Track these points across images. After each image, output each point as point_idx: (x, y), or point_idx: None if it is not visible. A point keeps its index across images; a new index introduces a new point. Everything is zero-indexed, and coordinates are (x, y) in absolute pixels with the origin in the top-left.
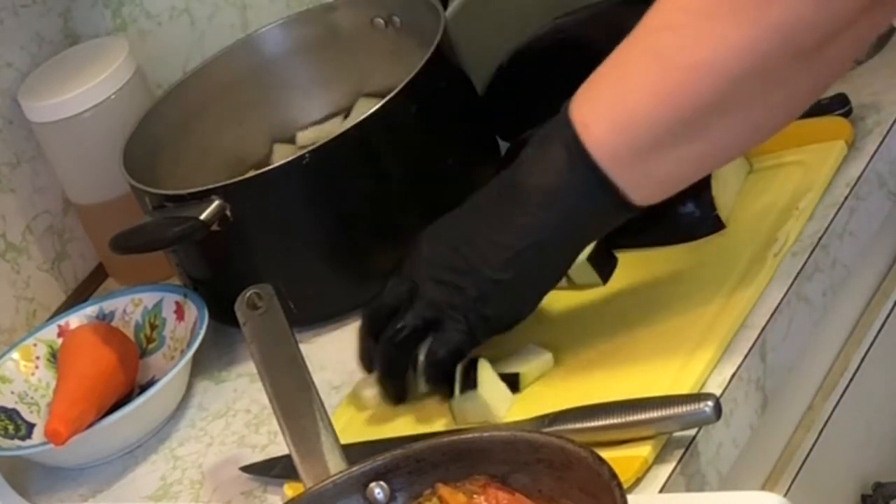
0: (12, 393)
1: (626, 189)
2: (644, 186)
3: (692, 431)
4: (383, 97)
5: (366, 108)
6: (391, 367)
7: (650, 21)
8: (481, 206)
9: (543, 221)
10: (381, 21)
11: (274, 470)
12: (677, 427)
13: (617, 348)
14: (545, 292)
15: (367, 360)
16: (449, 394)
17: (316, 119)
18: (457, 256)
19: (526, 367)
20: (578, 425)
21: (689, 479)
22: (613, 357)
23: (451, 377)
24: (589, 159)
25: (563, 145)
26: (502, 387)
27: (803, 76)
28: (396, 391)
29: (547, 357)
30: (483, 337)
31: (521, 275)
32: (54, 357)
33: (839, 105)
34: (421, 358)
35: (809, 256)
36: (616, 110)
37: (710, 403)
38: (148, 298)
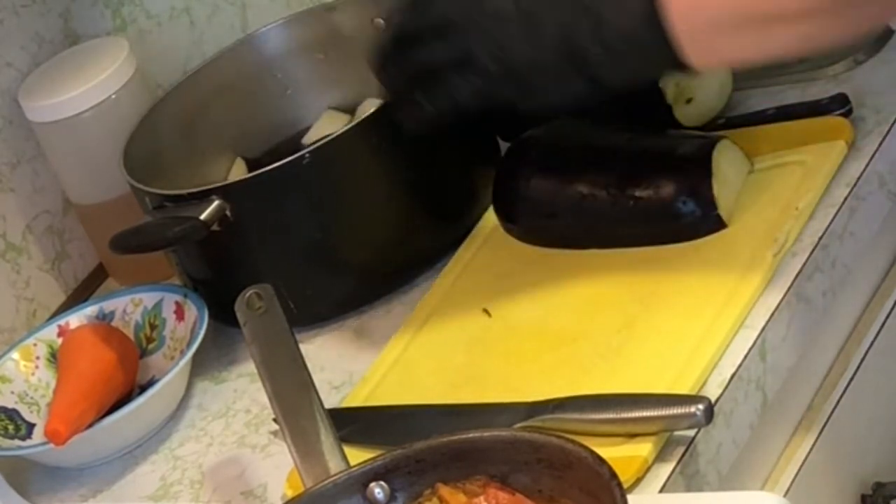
0: (12, 393)
1: (689, 55)
2: (705, 58)
3: (692, 431)
4: (383, 98)
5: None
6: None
7: None
8: None
9: (609, 58)
10: (381, 21)
11: None
12: (668, 427)
13: (617, 348)
14: (565, 93)
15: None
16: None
17: (314, 120)
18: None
19: None
20: (576, 416)
21: (689, 479)
22: (614, 356)
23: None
24: (665, 20)
25: None
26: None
27: None
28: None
29: None
30: (489, 98)
31: (568, 77)
32: (54, 357)
33: (839, 105)
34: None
35: (809, 256)
36: None
37: (700, 407)
38: (148, 298)
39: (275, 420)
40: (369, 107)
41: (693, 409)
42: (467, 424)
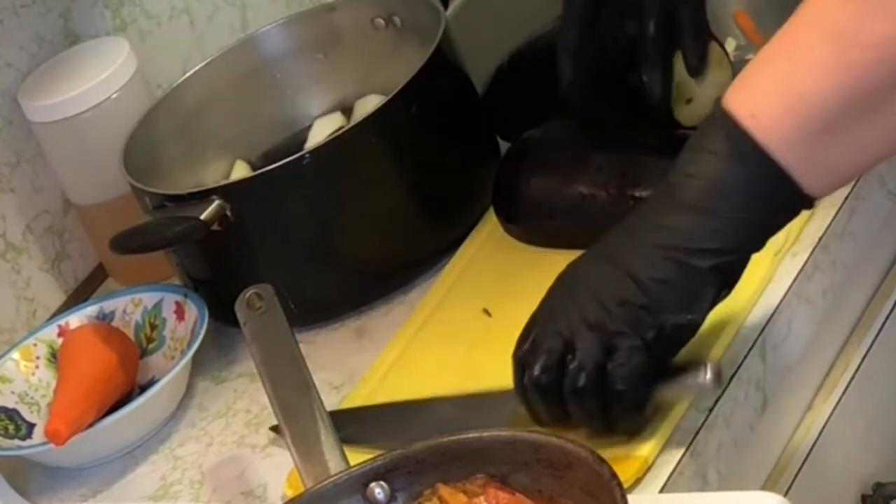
0: (12, 393)
1: (801, 179)
2: (819, 175)
3: (692, 432)
4: (384, 97)
5: (366, 109)
6: (591, 416)
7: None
8: (628, 223)
9: (713, 220)
10: (381, 21)
11: None
12: (676, 398)
13: None
14: (717, 295)
15: None
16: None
17: (314, 120)
18: (609, 270)
19: None
20: None
21: (689, 479)
22: None
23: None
24: (761, 150)
25: (726, 140)
26: None
27: None
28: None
29: None
30: (662, 352)
31: (691, 277)
32: (54, 357)
33: None
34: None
35: (809, 256)
36: (787, 95)
37: (708, 374)
38: (148, 298)
39: (275, 424)
40: (365, 104)
41: (700, 375)
42: (469, 416)
